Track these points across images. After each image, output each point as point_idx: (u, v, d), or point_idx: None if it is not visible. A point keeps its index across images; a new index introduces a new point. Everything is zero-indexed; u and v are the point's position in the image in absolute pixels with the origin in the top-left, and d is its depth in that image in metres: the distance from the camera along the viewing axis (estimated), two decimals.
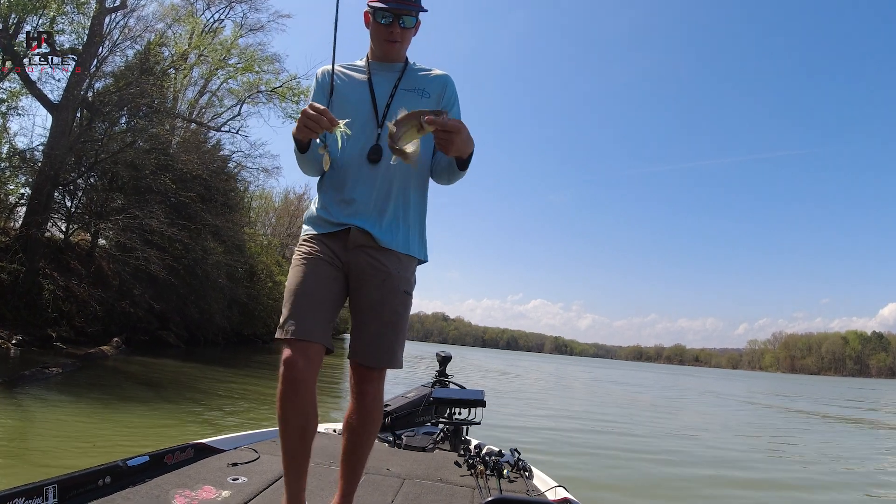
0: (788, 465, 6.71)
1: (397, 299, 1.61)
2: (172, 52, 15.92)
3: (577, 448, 6.42)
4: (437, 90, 1.69)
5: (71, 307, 12.33)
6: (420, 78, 1.70)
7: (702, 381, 38.55)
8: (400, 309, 1.62)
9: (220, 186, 16.32)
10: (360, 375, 1.63)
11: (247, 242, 19.90)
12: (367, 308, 1.60)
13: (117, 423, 5.09)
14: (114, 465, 1.79)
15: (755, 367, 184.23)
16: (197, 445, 2.22)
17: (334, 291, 1.59)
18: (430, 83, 1.70)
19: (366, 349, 1.60)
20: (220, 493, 1.81)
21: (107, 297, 12.34)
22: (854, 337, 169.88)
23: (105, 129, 12.81)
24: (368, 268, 1.58)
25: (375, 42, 1.68)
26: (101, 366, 9.55)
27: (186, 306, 14.63)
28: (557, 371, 35.10)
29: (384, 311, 1.59)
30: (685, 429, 9.60)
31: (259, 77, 15.99)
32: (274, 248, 26.22)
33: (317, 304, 1.55)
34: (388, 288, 1.59)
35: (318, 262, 1.58)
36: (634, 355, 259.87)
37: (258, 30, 18.65)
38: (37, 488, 1.48)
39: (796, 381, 62.88)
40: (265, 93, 16.20)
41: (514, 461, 2.50)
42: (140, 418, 5.37)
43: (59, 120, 13.18)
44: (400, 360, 1.65)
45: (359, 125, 1.59)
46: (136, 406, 5.94)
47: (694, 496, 4.70)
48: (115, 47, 14.01)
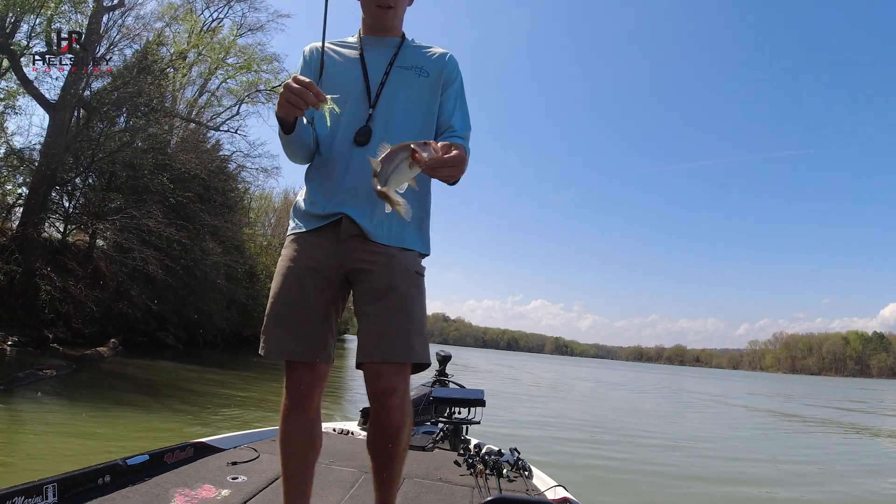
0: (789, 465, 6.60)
1: (407, 280, 1.39)
2: (171, 52, 15.87)
3: (577, 447, 6.37)
4: (437, 69, 1.52)
5: (68, 308, 12.24)
6: (419, 55, 1.54)
7: (701, 382, 38.40)
8: (412, 291, 1.40)
9: (219, 186, 16.24)
10: (373, 377, 1.35)
11: (246, 243, 19.80)
12: (372, 297, 1.38)
13: (109, 426, 5.00)
14: (113, 464, 1.78)
15: (756, 367, 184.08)
16: (196, 444, 2.21)
17: (322, 301, 1.41)
18: (429, 61, 1.53)
19: (375, 343, 1.35)
20: (219, 491, 1.80)
21: (104, 298, 12.24)
22: (855, 337, 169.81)
23: (102, 128, 12.70)
24: (367, 254, 1.39)
25: (366, 9, 1.52)
26: (97, 367, 9.45)
27: (184, 307, 14.53)
28: (558, 376, 34.94)
29: (391, 295, 1.37)
30: (687, 431, 9.49)
31: (258, 76, 15.92)
32: (273, 248, 26.12)
33: (301, 317, 1.38)
34: (393, 269, 1.38)
35: (301, 270, 1.41)
36: (635, 356, 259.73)
37: (257, 29, 18.60)
38: (36, 487, 1.48)
39: (797, 381, 62.71)
40: (264, 92, 16.11)
41: (513, 461, 2.48)
42: (132, 421, 5.28)
43: (57, 119, 13.11)
44: (420, 353, 1.37)
45: (350, 106, 1.44)
46: (127, 409, 5.84)
47: (694, 496, 4.65)
48: (112, 46, 13.97)
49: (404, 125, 1.46)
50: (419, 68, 1.51)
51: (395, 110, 1.46)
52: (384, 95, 1.46)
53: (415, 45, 1.57)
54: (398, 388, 1.34)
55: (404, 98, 1.47)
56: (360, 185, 1.40)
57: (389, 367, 1.34)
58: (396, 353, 1.34)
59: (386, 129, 1.44)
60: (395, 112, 1.46)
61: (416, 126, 1.48)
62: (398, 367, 1.35)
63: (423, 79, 1.50)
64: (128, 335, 13.86)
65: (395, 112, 1.46)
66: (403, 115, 1.47)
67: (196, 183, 15.13)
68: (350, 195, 1.42)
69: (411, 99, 1.48)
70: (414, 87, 1.49)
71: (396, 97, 1.47)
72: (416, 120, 1.49)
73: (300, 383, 1.38)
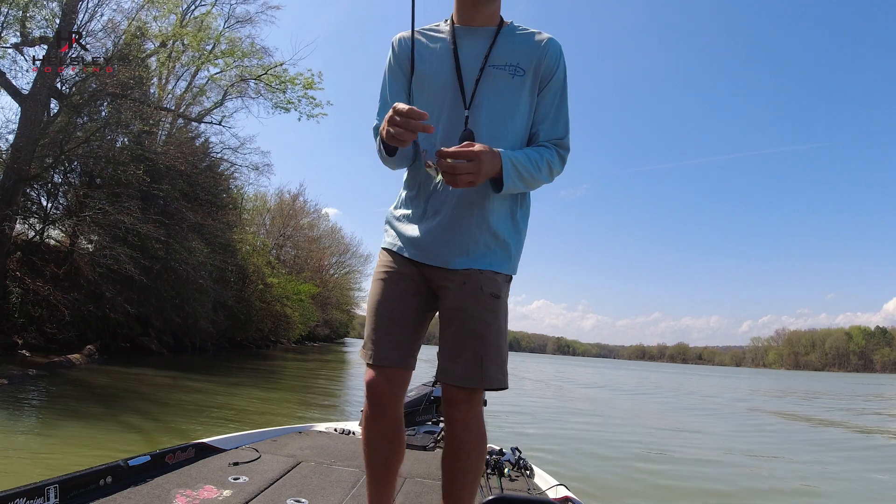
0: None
1: (480, 303, 1.35)
2: (154, 42, 15.12)
3: (578, 447, 6.15)
4: (533, 63, 1.36)
5: (42, 312, 11.46)
6: (515, 47, 1.36)
7: (704, 380, 37.63)
8: (486, 315, 1.35)
9: (205, 183, 15.40)
10: (447, 397, 1.38)
11: (237, 243, 18.93)
12: (447, 318, 1.40)
13: (45, 442, 4.19)
14: (115, 465, 1.79)
15: (759, 364, 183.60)
16: (198, 445, 2.21)
17: (414, 307, 1.41)
18: (525, 55, 1.36)
19: (449, 365, 1.36)
20: (221, 492, 1.80)
21: (78, 300, 11.38)
22: (858, 332, 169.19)
23: (71, 118, 11.88)
24: (446, 272, 1.38)
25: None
26: (62, 376, 8.60)
27: (166, 310, 13.65)
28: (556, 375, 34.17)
29: (461, 317, 1.35)
30: (690, 431, 8.71)
31: (243, 65, 15.09)
32: (266, 248, 25.29)
33: (396, 323, 1.39)
34: (466, 290, 1.36)
35: (395, 276, 1.42)
36: (637, 354, 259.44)
37: (246, 21, 17.83)
38: (38, 488, 1.49)
39: (801, 377, 62.07)
40: (250, 80, 15.31)
41: (515, 460, 2.50)
42: (73, 438, 4.44)
43: (28, 111, 12.39)
44: (495, 379, 1.34)
45: (447, 108, 1.36)
46: (74, 423, 5.00)
47: (695, 495, 4.46)
48: (87, 34, 13.19)
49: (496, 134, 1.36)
50: (514, 66, 1.36)
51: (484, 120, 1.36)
52: (477, 99, 1.35)
53: (513, 35, 1.39)
54: (464, 403, 1.36)
55: (498, 104, 1.36)
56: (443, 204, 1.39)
57: (461, 391, 1.35)
58: (468, 379, 1.34)
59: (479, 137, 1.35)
60: (483, 121, 1.36)
61: (509, 134, 1.38)
62: (469, 390, 1.36)
63: (518, 79, 1.36)
64: (109, 341, 13.07)
65: (483, 121, 1.36)
66: (494, 123, 1.37)
67: (180, 179, 14.34)
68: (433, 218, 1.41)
69: (506, 104, 1.37)
70: (506, 92, 1.36)
71: (489, 103, 1.36)
72: (509, 127, 1.38)
73: (384, 389, 1.37)
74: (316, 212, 34.79)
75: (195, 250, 13.97)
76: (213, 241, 15.24)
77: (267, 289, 20.79)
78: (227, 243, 16.78)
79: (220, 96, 17.36)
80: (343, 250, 41.63)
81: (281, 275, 24.58)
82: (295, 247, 30.33)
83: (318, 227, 36.12)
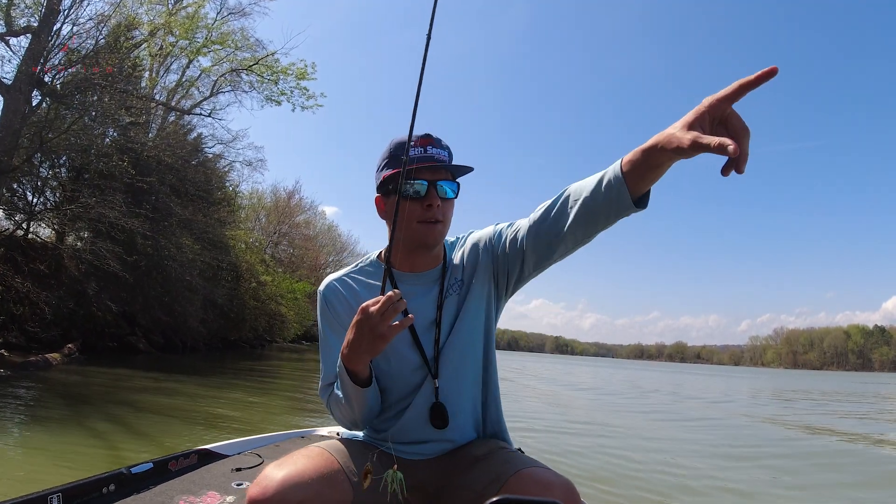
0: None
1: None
2: (142, 31, 14.68)
3: (579, 447, 5.99)
4: (473, 265, 1.25)
5: (24, 310, 11.05)
6: (456, 271, 1.25)
7: (702, 379, 37.29)
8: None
9: (195, 178, 14.95)
10: None
11: (230, 240, 18.48)
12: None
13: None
14: (118, 473, 1.78)
15: (757, 363, 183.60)
16: (201, 451, 2.21)
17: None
18: (465, 268, 1.25)
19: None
20: (224, 498, 1.79)
21: (60, 298, 10.95)
22: (856, 331, 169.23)
23: (53, 107, 11.45)
24: None
25: (407, 232, 1.15)
26: (34, 377, 8.15)
27: (153, 308, 13.21)
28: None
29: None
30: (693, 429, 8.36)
31: (235, 56, 14.65)
32: (261, 245, 24.84)
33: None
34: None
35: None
36: (635, 353, 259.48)
37: (239, 13, 17.35)
38: (42, 497, 1.51)
39: (801, 377, 61.79)
40: (242, 72, 14.86)
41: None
42: (28, 447, 4.02)
43: (10, 101, 11.98)
44: None
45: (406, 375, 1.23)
46: (31, 431, 4.58)
47: (695, 495, 4.33)
48: (72, 23, 12.75)
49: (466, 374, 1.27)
50: (458, 284, 1.24)
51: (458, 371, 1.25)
52: (443, 361, 1.22)
53: (453, 264, 1.26)
54: None
55: (466, 344, 1.25)
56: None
57: None
58: None
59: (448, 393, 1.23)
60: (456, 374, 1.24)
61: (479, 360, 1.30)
62: None
63: (472, 296, 1.23)
64: (95, 340, 12.65)
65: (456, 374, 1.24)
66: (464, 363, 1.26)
67: (169, 173, 13.90)
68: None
69: (472, 332, 1.25)
70: (466, 320, 1.23)
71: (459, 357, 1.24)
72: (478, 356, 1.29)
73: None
74: (312, 209, 34.37)
75: (184, 247, 13.54)
76: (203, 237, 14.80)
77: (261, 287, 20.33)
78: (219, 240, 16.34)
79: (211, 88, 16.97)
80: (340, 249, 41.18)
81: (276, 273, 24.14)
82: (291, 245, 29.89)
83: (314, 225, 35.69)
